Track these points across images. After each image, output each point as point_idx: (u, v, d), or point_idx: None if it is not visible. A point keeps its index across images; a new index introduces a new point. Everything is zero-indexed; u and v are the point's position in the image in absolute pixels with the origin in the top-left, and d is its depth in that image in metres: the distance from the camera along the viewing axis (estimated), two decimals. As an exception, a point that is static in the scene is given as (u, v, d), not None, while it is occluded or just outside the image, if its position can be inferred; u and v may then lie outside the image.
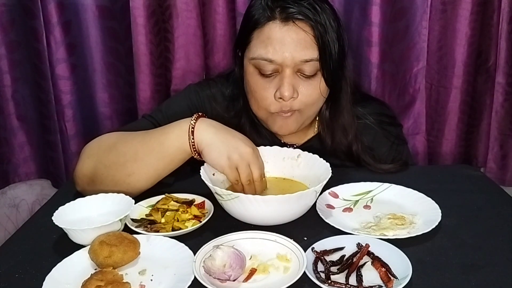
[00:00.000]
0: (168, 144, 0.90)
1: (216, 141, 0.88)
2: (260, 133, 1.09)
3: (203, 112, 0.98)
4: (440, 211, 0.86)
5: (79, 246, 0.77)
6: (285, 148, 1.00)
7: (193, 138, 0.89)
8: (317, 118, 1.11)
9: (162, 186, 0.95)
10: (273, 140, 1.10)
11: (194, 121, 0.90)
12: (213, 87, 1.13)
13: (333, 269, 0.71)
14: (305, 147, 1.11)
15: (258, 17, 0.96)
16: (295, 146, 1.12)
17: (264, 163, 0.93)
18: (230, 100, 1.11)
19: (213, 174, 0.92)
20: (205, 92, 1.12)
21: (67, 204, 0.84)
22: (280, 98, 0.96)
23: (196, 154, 0.90)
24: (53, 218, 0.79)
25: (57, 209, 0.82)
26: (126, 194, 0.86)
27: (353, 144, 1.08)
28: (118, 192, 0.87)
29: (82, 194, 0.91)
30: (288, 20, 0.93)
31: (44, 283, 0.68)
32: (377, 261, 0.72)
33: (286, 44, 0.93)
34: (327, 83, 0.98)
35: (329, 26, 0.94)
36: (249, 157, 0.88)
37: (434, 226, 0.82)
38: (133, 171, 0.91)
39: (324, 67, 0.96)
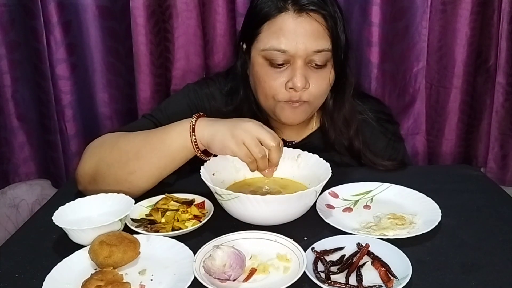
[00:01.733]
0: (170, 142, 0.90)
1: (217, 129, 0.87)
2: None
3: (202, 110, 0.98)
4: (440, 211, 0.86)
5: (79, 246, 0.77)
6: (285, 148, 1.00)
7: (194, 135, 0.89)
8: (315, 115, 1.12)
9: (163, 186, 0.95)
10: None
11: (195, 119, 0.90)
12: (211, 85, 1.14)
13: (333, 269, 0.71)
14: (304, 143, 1.12)
15: (268, 9, 0.98)
16: (294, 142, 1.12)
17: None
18: (228, 94, 1.12)
19: (213, 174, 0.92)
20: (204, 90, 1.13)
21: (67, 204, 0.84)
22: (291, 88, 0.97)
23: (198, 151, 0.90)
24: (53, 218, 0.79)
25: (57, 209, 0.82)
26: (127, 194, 0.86)
27: (355, 137, 1.09)
28: (120, 191, 0.87)
29: (82, 194, 0.91)
30: (301, 12, 0.95)
31: (44, 283, 0.68)
32: (377, 261, 0.72)
33: (299, 35, 0.95)
34: (336, 73, 1.01)
35: (338, 16, 0.98)
36: (253, 128, 0.86)
37: (434, 226, 0.82)
38: (135, 169, 0.91)
39: (335, 57, 0.99)
